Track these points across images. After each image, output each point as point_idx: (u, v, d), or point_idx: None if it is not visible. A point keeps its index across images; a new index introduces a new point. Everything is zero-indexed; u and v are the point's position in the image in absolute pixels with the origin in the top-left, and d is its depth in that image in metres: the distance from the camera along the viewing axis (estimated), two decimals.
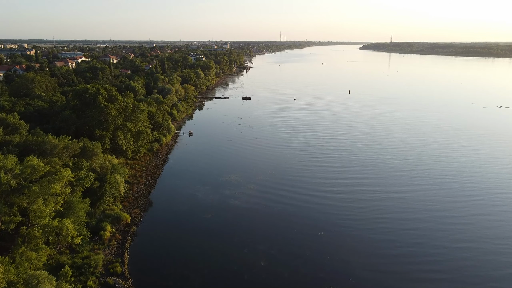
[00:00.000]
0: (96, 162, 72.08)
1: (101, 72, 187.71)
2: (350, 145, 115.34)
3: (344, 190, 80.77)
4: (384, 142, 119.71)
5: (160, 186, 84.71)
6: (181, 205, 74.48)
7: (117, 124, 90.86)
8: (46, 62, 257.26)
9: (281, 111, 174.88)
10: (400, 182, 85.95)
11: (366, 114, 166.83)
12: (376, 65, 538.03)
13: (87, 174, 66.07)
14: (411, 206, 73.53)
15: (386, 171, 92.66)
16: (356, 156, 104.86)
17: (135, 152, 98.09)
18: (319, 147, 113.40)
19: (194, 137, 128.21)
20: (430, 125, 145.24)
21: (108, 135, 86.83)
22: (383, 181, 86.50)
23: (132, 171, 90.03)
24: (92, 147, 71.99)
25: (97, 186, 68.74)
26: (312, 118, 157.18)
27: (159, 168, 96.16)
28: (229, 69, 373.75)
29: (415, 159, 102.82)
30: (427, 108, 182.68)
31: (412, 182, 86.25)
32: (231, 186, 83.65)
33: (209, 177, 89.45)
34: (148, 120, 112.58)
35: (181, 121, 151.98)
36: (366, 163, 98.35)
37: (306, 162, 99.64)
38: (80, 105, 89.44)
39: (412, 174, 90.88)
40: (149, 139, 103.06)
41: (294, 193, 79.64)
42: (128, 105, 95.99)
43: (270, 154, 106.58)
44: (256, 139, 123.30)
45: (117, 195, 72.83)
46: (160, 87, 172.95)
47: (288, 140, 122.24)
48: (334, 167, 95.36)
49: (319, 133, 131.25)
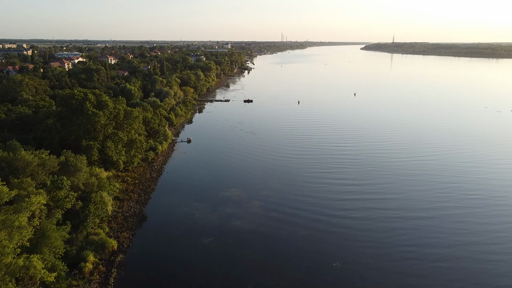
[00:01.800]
0: (79, 179, 63.58)
1: (96, 73, 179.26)
2: (363, 156, 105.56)
3: (361, 210, 71.56)
4: (399, 152, 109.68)
5: (154, 203, 76.17)
6: (176, 227, 65.92)
7: (107, 133, 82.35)
8: (41, 63, 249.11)
9: (284, 115, 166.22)
10: (424, 201, 75.97)
11: (375, 119, 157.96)
12: (379, 66, 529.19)
13: (67, 194, 57.70)
14: (441, 231, 64.54)
15: (407, 187, 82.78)
16: (370, 168, 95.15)
17: (128, 163, 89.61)
18: (328, 158, 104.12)
19: (193, 144, 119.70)
20: (447, 132, 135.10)
21: (96, 146, 78.31)
22: (404, 200, 76.11)
23: (123, 185, 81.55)
24: (76, 161, 63.45)
25: (80, 207, 60.40)
26: (318, 124, 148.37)
27: (153, 180, 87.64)
28: (230, 70, 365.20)
29: (436, 171, 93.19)
30: (439, 112, 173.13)
31: (438, 199, 76.85)
32: (232, 203, 75.10)
33: (208, 192, 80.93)
34: (142, 127, 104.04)
35: (179, 126, 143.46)
36: (383, 178, 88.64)
37: (315, 175, 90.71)
38: (65, 112, 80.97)
39: (436, 191, 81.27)
40: (143, 148, 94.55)
41: (303, 213, 70.89)
42: (120, 111, 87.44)
43: (274, 165, 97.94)
44: (259, 147, 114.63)
45: (103, 216, 64.36)
46: (157, 90, 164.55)
47: (294, 148, 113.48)
48: (347, 182, 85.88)
49: (327, 141, 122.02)
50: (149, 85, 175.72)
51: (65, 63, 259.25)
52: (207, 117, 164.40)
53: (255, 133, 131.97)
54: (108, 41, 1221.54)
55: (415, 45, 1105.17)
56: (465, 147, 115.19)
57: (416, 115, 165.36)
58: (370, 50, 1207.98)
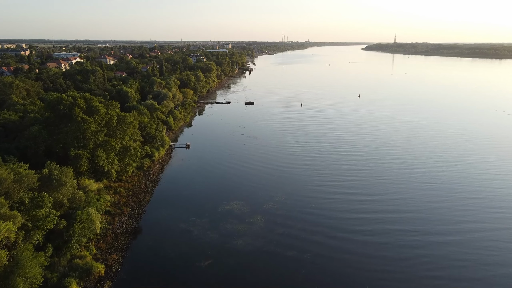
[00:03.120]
0: (64, 194, 57.33)
1: (93, 75, 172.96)
2: (373, 165, 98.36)
3: (376, 229, 64.72)
4: (412, 160, 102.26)
5: (148, 218, 69.91)
6: (172, 247, 59.59)
7: (98, 140, 76.11)
8: (37, 64, 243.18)
9: (287, 118, 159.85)
10: (445, 219, 68.63)
11: (382, 122, 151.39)
12: (382, 67, 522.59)
13: (49, 212, 51.44)
14: (468, 257, 57.78)
15: (424, 202, 75.45)
16: (382, 179, 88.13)
17: (121, 172, 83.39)
18: (336, 166, 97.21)
19: (192, 150, 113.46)
20: (461, 137, 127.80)
21: (86, 155, 72.05)
22: (422, 218, 68.29)
23: (115, 197, 75.33)
24: (60, 175, 57.20)
25: (64, 227, 54.20)
26: (323, 128, 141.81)
27: (148, 191, 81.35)
28: (231, 70, 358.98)
29: (454, 182, 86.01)
30: (449, 116, 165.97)
31: (460, 216, 69.66)
32: (233, 219, 68.80)
33: (207, 205, 74.62)
34: (138, 132, 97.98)
35: (177, 131, 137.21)
36: (397, 191, 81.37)
37: (323, 186, 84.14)
38: (53, 118, 74.77)
39: (457, 206, 73.99)
40: (138, 156, 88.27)
41: (311, 231, 64.44)
42: (112, 117, 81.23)
43: (278, 174, 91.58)
44: (261, 153, 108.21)
45: (91, 235, 58.11)
46: (155, 92, 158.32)
47: (298, 155, 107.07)
48: (358, 195, 78.92)
49: (333, 147, 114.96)
50: (147, 87, 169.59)
51: (62, 64, 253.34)
52: (207, 120, 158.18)
53: (257, 138, 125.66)
54: (108, 41, 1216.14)
55: (416, 45, 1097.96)
56: (482, 155, 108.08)
57: (425, 119, 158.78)
58: (372, 50, 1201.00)
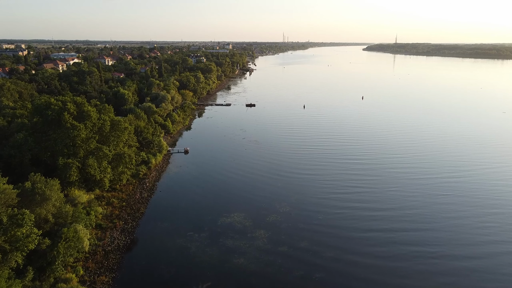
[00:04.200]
0: (48, 209, 52.26)
1: (89, 76, 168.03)
2: (382, 172, 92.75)
3: (389, 248, 59.35)
4: (424, 168, 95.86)
5: (142, 232, 64.84)
6: (167, 267, 54.50)
7: (89, 148, 70.99)
8: (34, 65, 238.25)
9: (289, 121, 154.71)
10: (466, 236, 63.06)
11: (389, 126, 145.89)
12: (384, 67, 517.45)
13: (30, 231, 46.34)
14: (499, 279, 52.99)
15: (441, 216, 69.90)
16: (393, 189, 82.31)
17: (115, 181, 78.30)
18: (343, 175, 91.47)
19: (191, 155, 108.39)
20: (473, 142, 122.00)
21: (76, 164, 66.95)
22: (440, 236, 62.66)
23: (107, 209, 70.31)
24: (44, 188, 52.13)
25: (48, 246, 49.08)
26: (327, 132, 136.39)
27: (144, 202, 76.28)
28: (232, 71, 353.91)
29: (471, 194, 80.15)
30: (458, 118, 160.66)
31: (483, 233, 64.25)
32: (234, 233, 63.73)
33: (206, 217, 69.57)
34: (134, 138, 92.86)
35: (176, 134, 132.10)
36: (410, 203, 75.61)
37: (330, 197, 78.75)
38: (40, 124, 69.68)
39: (477, 221, 68.14)
40: (133, 163, 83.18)
41: (318, 249, 59.21)
42: (105, 122, 76.14)
43: (282, 183, 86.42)
44: (263, 160, 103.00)
45: (78, 255, 53.01)
46: (154, 94, 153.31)
47: (302, 161, 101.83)
48: (368, 208, 73.20)
49: (339, 154, 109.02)
50: (145, 89, 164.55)
51: (59, 65, 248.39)
52: (207, 123, 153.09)
53: (258, 143, 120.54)
54: (108, 41, 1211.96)
55: (418, 46, 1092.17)
56: (496, 162, 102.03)
57: (433, 122, 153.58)
58: (373, 51, 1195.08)
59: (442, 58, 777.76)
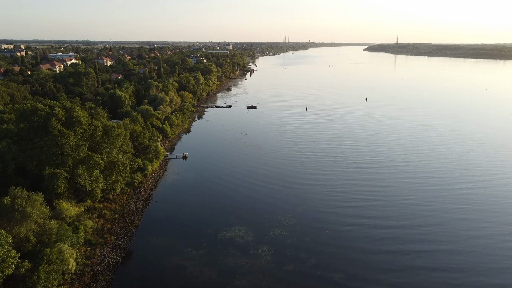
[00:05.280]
0: (29, 228, 47.23)
1: (85, 77, 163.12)
2: (392, 182, 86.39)
3: (409, 274, 53.86)
4: (437, 177, 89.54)
5: (135, 249, 59.83)
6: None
7: (79, 156, 65.96)
8: (29, 65, 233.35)
9: (292, 124, 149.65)
10: (492, 258, 57.34)
11: (396, 130, 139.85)
12: (386, 68, 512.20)
13: (7, 255, 41.35)
14: None
15: (461, 234, 64.03)
16: (406, 201, 76.24)
17: (108, 190, 73.28)
18: (352, 183, 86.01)
19: (189, 161, 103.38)
20: (487, 148, 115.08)
21: (64, 174, 61.92)
22: (465, 260, 56.68)
23: (98, 222, 65.26)
24: (25, 204, 47.10)
25: (28, 270, 44.05)
26: (332, 136, 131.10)
27: (138, 214, 71.25)
28: (232, 72, 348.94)
29: (493, 207, 73.98)
30: (467, 122, 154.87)
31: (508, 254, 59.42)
32: (235, 250, 58.68)
33: (205, 231, 64.52)
34: (129, 143, 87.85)
35: (174, 138, 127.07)
36: (425, 218, 69.20)
37: (338, 209, 73.42)
38: (26, 131, 64.67)
39: (502, 241, 62.24)
40: (127, 172, 78.12)
41: (327, 273, 53.76)
42: (97, 128, 71.12)
43: (285, 192, 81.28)
44: (265, 166, 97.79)
45: (62, 278, 47.94)
46: (151, 96, 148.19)
47: (307, 169, 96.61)
48: (382, 228, 66.56)
49: (345, 160, 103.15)
50: (143, 90, 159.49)
51: (56, 65, 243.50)
52: (207, 126, 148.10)
53: (260, 147, 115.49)
54: (109, 41, 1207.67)
55: (419, 46, 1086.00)
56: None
57: (442, 126, 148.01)
58: (373, 51, 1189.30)
59: (444, 58, 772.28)
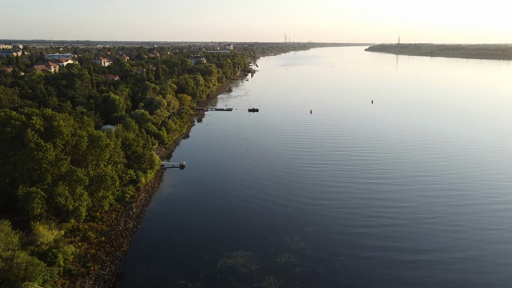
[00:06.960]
0: None
1: (79, 79, 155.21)
2: (410, 196, 78.42)
3: None
4: (463, 191, 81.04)
5: (122, 280, 51.87)
6: None
7: (59, 172, 58.09)
8: (24, 66, 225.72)
9: (296, 129, 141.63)
10: None
11: (408, 136, 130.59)
12: (388, 68, 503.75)
13: None
14: None
15: (490, 256, 57.53)
16: (432, 223, 67.52)
17: (95, 208, 65.37)
18: (365, 201, 77.43)
19: (187, 170, 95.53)
20: (504, 155, 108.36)
21: (40, 194, 54.02)
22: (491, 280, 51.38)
23: (81, 247, 57.28)
24: None
25: None
26: (339, 143, 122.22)
27: (127, 235, 63.30)
28: (233, 73, 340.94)
29: None
30: (479, 126, 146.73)
31: None
32: (237, 282, 50.73)
33: (202, 258, 56.54)
34: (121, 153, 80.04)
35: (171, 145, 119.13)
36: (448, 234, 62.85)
37: (352, 231, 65.07)
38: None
39: None
40: (117, 185, 70.11)
41: None
42: (82, 139, 63.25)
43: (292, 209, 73.09)
44: (269, 178, 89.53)
45: None
46: (148, 99, 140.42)
47: (314, 182, 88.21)
48: (405, 253, 58.78)
49: (357, 172, 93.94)
50: (139, 93, 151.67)
51: (51, 66, 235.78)
52: (207, 131, 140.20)
53: (263, 155, 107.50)
54: (109, 42, 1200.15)
55: (421, 46, 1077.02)
56: None
57: (453, 130, 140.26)
58: (375, 51, 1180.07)
59: (446, 58, 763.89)
